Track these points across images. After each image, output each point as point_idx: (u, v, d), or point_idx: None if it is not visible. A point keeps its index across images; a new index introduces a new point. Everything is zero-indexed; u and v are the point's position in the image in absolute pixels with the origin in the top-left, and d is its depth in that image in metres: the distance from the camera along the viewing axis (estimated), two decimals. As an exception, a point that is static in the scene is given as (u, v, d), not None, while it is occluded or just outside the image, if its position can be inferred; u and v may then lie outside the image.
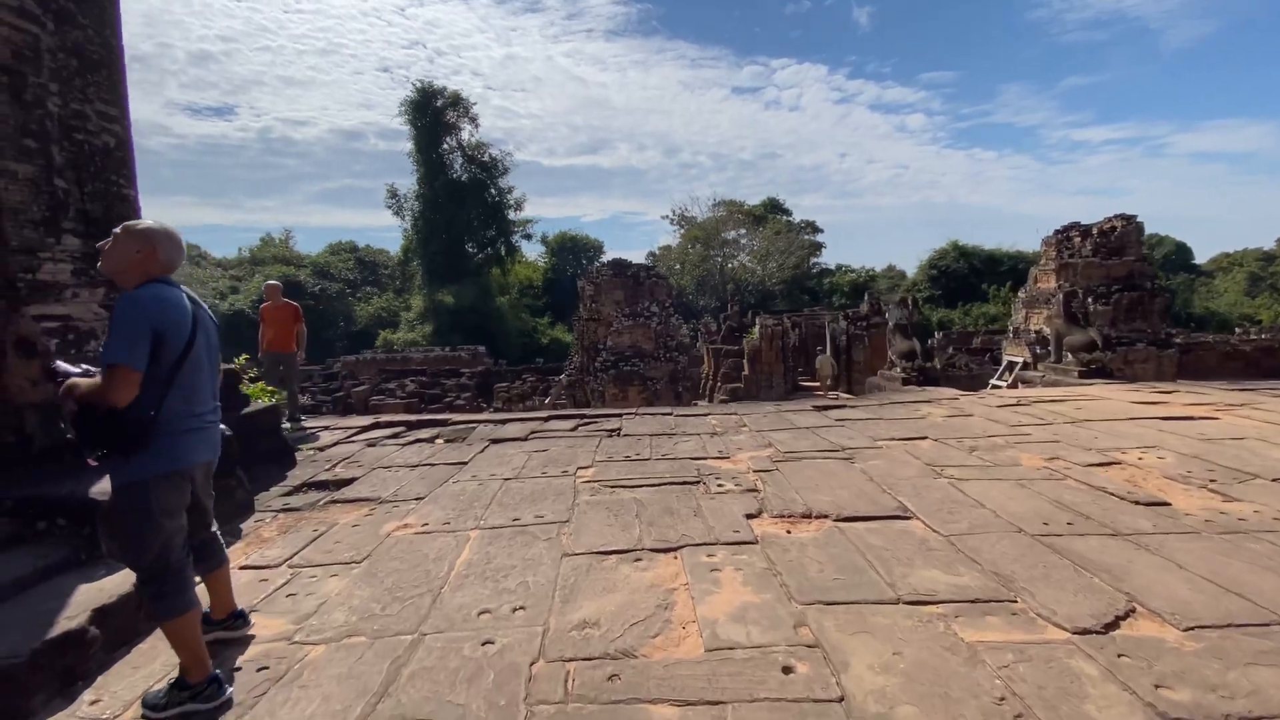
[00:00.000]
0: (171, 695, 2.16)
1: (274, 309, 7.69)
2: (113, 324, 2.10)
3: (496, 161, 45.24)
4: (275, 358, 7.66)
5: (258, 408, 5.32)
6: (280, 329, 7.65)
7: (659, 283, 14.98)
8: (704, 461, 5.07)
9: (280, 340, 7.63)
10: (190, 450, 2.31)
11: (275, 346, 7.64)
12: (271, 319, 7.67)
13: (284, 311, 7.73)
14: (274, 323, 7.66)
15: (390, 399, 20.19)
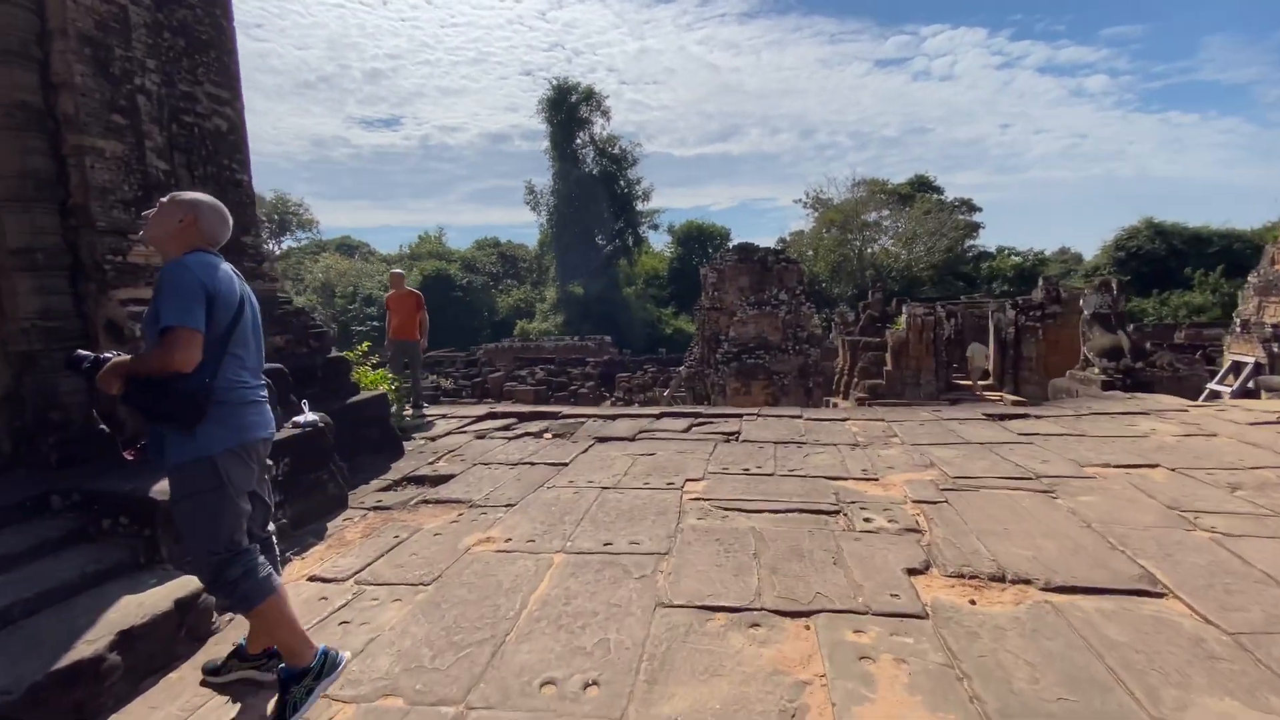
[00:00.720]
0: (295, 692, 2.04)
1: (398, 297, 7.73)
2: (162, 290, 1.97)
3: (626, 153, 45.58)
4: (400, 345, 7.70)
5: (365, 396, 5.16)
6: (405, 317, 7.67)
7: (788, 268, 13.71)
8: (844, 483, 4.08)
9: (405, 328, 7.65)
10: (253, 423, 2.18)
11: (400, 334, 7.67)
12: (396, 307, 7.71)
13: (408, 300, 7.75)
14: (398, 311, 7.70)
15: (521, 385, 20.79)
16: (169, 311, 1.92)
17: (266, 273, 4.82)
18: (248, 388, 2.19)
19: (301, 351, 4.80)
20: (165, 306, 1.93)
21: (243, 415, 2.13)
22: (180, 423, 1.96)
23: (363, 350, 6.83)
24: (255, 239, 4.78)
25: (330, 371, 4.96)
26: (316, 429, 3.97)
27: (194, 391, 1.96)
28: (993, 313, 17.25)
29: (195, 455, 2.01)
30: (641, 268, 47.18)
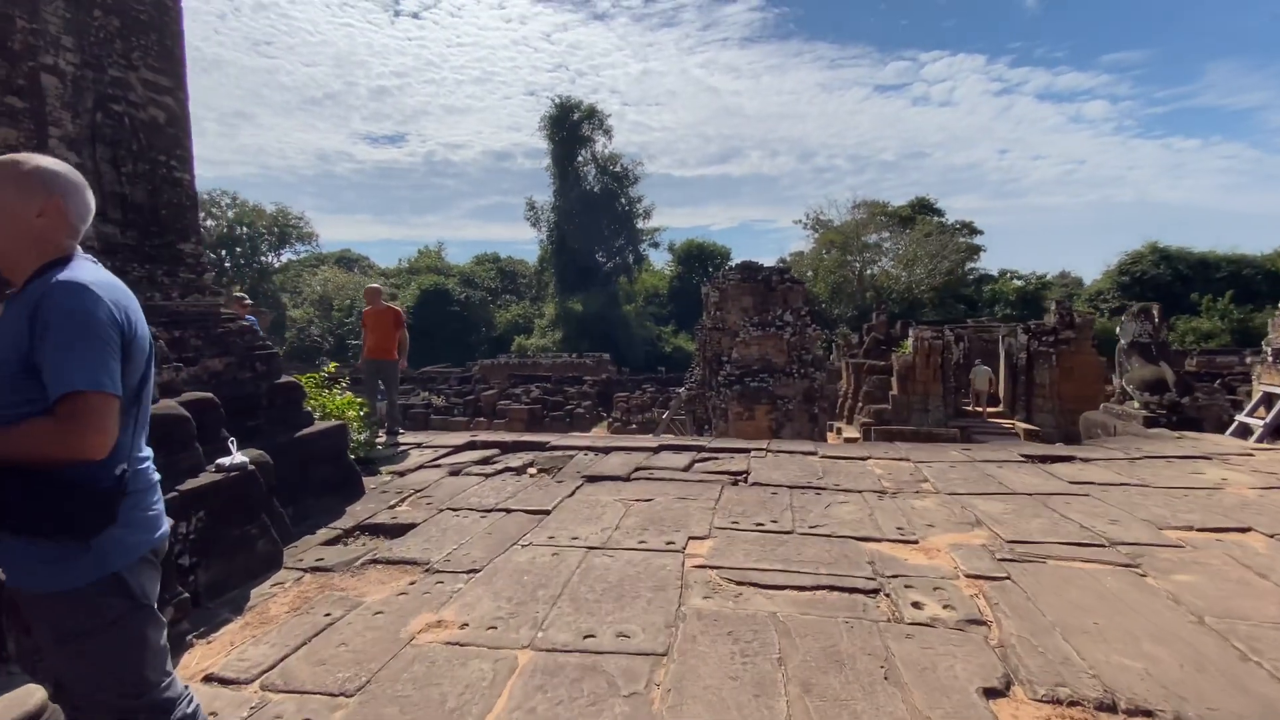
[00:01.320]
0: None
1: (375, 314, 7.08)
2: (54, 328, 1.27)
3: (628, 171, 45.39)
4: (375, 365, 7.03)
5: (319, 428, 4.47)
6: (382, 335, 7.01)
7: (793, 288, 13.09)
8: (878, 547, 3.38)
9: (381, 347, 6.99)
10: (160, 512, 1.54)
11: (376, 353, 7.00)
12: (373, 325, 7.04)
13: (386, 316, 7.09)
14: (375, 328, 7.03)
15: (515, 404, 20.07)
16: (77, 368, 1.26)
17: (208, 285, 4.17)
18: (150, 463, 1.55)
19: (244, 377, 4.13)
20: (67, 359, 1.26)
21: (150, 504, 1.51)
22: (78, 533, 1.32)
23: (329, 371, 6.16)
24: (196, 246, 4.13)
25: (279, 399, 4.28)
26: (244, 474, 3.28)
27: (109, 489, 1.34)
28: (1003, 337, 16.64)
29: (97, 575, 1.36)
30: (641, 285, 46.76)
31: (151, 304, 3.72)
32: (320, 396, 5.94)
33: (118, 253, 3.61)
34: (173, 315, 3.83)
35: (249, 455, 3.53)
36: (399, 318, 7.18)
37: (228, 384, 3.99)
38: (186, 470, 3.12)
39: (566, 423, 19.77)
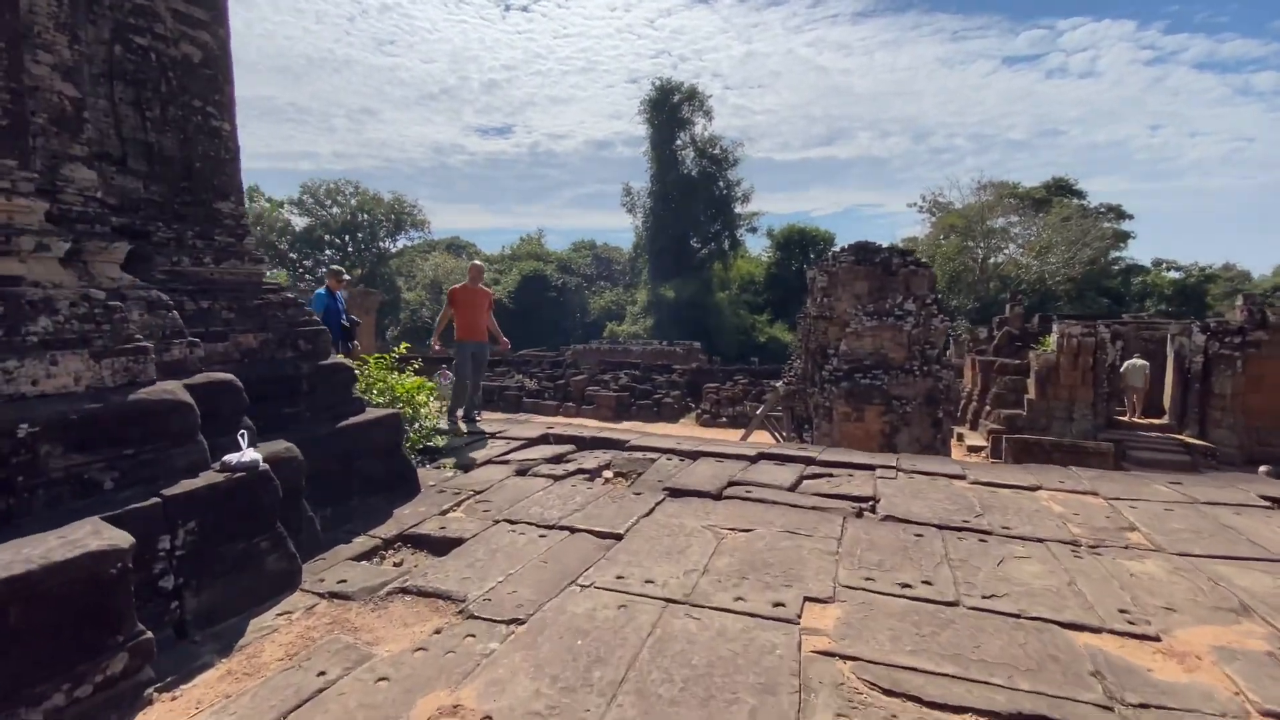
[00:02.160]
0: None
1: (470, 293, 6.47)
2: None
3: (727, 154, 43.76)
4: (471, 348, 6.41)
5: (369, 417, 3.89)
6: (475, 315, 6.45)
7: (917, 273, 11.41)
8: (1098, 643, 2.24)
9: (476, 327, 6.44)
10: None
11: (471, 334, 6.42)
12: (466, 303, 6.45)
13: (480, 297, 6.53)
14: (469, 307, 6.43)
15: (603, 390, 19.61)
16: None
17: (248, 250, 3.66)
18: None
19: (284, 356, 3.60)
20: None
21: None
22: None
23: (400, 352, 5.69)
24: (236, 206, 3.64)
25: (323, 383, 3.73)
26: (254, 476, 2.68)
27: None
28: (1173, 336, 13.90)
29: None
30: (737, 272, 45.14)
31: (176, 269, 3.24)
32: (388, 379, 5.48)
33: (139, 209, 3.13)
34: (203, 283, 3.33)
35: (273, 449, 2.96)
36: (491, 300, 6.59)
37: (263, 364, 3.46)
38: (183, 469, 2.56)
39: (654, 411, 19.05)
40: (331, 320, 6.62)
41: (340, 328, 6.88)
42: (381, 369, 5.48)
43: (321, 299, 6.90)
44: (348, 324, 7.11)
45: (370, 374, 5.28)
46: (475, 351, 6.47)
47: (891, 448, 11.35)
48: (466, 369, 6.43)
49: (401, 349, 5.76)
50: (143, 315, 2.73)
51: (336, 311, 6.97)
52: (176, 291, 3.15)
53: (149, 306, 2.77)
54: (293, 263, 47.15)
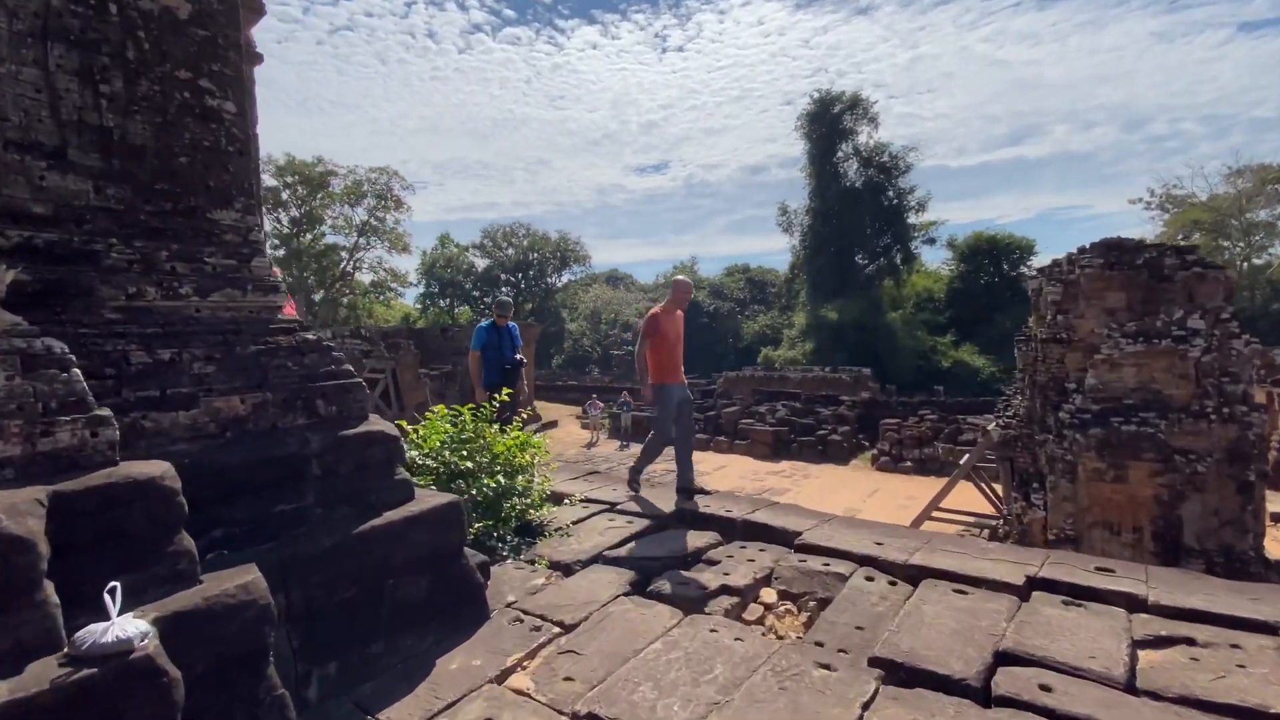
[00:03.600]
0: None
1: (674, 320, 4.72)
2: None
3: (896, 161, 39.65)
4: (674, 393, 4.67)
5: (410, 512, 2.62)
6: (679, 348, 4.76)
7: (1205, 278, 8.05)
8: None
9: (674, 366, 4.72)
10: None
11: (674, 374, 4.69)
12: (671, 333, 4.67)
13: (681, 325, 4.82)
14: (669, 340, 4.65)
15: (758, 424, 17.62)
16: None
17: (257, 276, 2.62)
18: None
19: (290, 424, 2.47)
20: None
21: None
22: None
23: (500, 399, 4.52)
24: (243, 217, 2.62)
25: (346, 461, 2.54)
26: (117, 672, 1.46)
27: None
28: None
29: None
30: (911, 289, 40.32)
31: (137, 304, 2.24)
32: (487, 433, 4.33)
33: (83, 220, 2.16)
34: (175, 323, 2.30)
35: (210, 594, 1.77)
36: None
37: (253, 438, 2.35)
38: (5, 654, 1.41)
39: (818, 450, 16.58)
40: (490, 358, 5.85)
41: (501, 370, 5.84)
42: (483, 420, 4.36)
43: (482, 334, 5.93)
44: (510, 365, 5.88)
45: (461, 428, 4.16)
46: (683, 399, 4.74)
47: (1173, 524, 8.01)
48: (669, 421, 4.66)
49: (503, 395, 4.57)
50: (10, 379, 1.66)
51: (498, 348, 5.90)
52: (126, 337, 2.13)
53: (25, 364, 1.71)
54: (475, 300, 51.73)
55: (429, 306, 49.85)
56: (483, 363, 5.81)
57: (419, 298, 50.25)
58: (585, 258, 57.42)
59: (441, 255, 51.73)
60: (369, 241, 40.55)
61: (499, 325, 5.97)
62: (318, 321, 32.78)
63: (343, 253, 40.14)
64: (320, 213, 38.63)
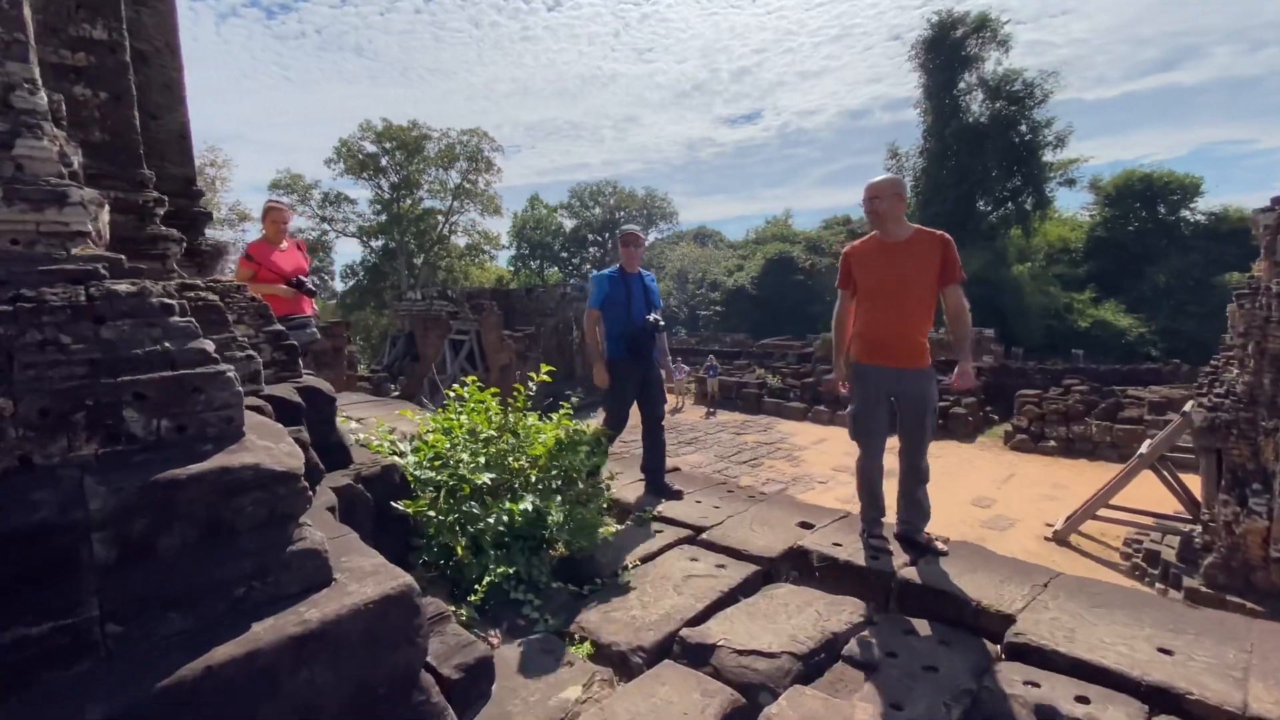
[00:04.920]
0: None
1: (891, 255, 2.83)
2: None
3: (1032, 88, 34.04)
4: (886, 379, 2.88)
5: (308, 624, 1.38)
6: (904, 302, 2.84)
7: None
8: None
9: (904, 334, 2.87)
10: None
11: (885, 352, 2.88)
12: (885, 283, 2.84)
13: (925, 260, 2.87)
14: (891, 289, 2.82)
15: (866, 394, 15.52)
16: None
17: (30, 177, 1.40)
18: None
19: (64, 459, 1.26)
20: None
21: None
22: None
23: (539, 379, 3.22)
24: None
25: (177, 527, 1.32)
26: None
27: None
28: None
29: None
30: (1043, 238, 35.21)
31: None
32: (522, 424, 3.08)
33: None
34: None
35: None
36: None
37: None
38: None
39: (940, 426, 14.31)
40: (615, 318, 3.65)
41: (630, 336, 3.63)
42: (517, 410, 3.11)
43: (603, 285, 3.71)
44: (643, 329, 3.64)
45: (488, 418, 2.92)
46: (905, 391, 2.85)
47: None
48: (878, 428, 2.91)
49: (543, 372, 3.26)
50: None
51: (625, 305, 3.65)
52: None
53: None
54: (563, 261, 51.50)
55: (520, 269, 50.20)
56: (605, 325, 3.72)
57: (510, 260, 50.70)
58: (672, 214, 55.35)
59: (531, 217, 51.70)
60: (462, 205, 40.92)
61: (627, 272, 3.75)
62: (418, 284, 33.52)
63: (438, 216, 40.80)
64: (417, 177, 39.25)
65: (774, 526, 3.10)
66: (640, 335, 3.64)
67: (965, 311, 2.80)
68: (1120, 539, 9.71)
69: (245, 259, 3.96)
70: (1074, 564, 8.84)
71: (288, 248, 4.15)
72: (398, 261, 39.32)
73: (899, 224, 2.82)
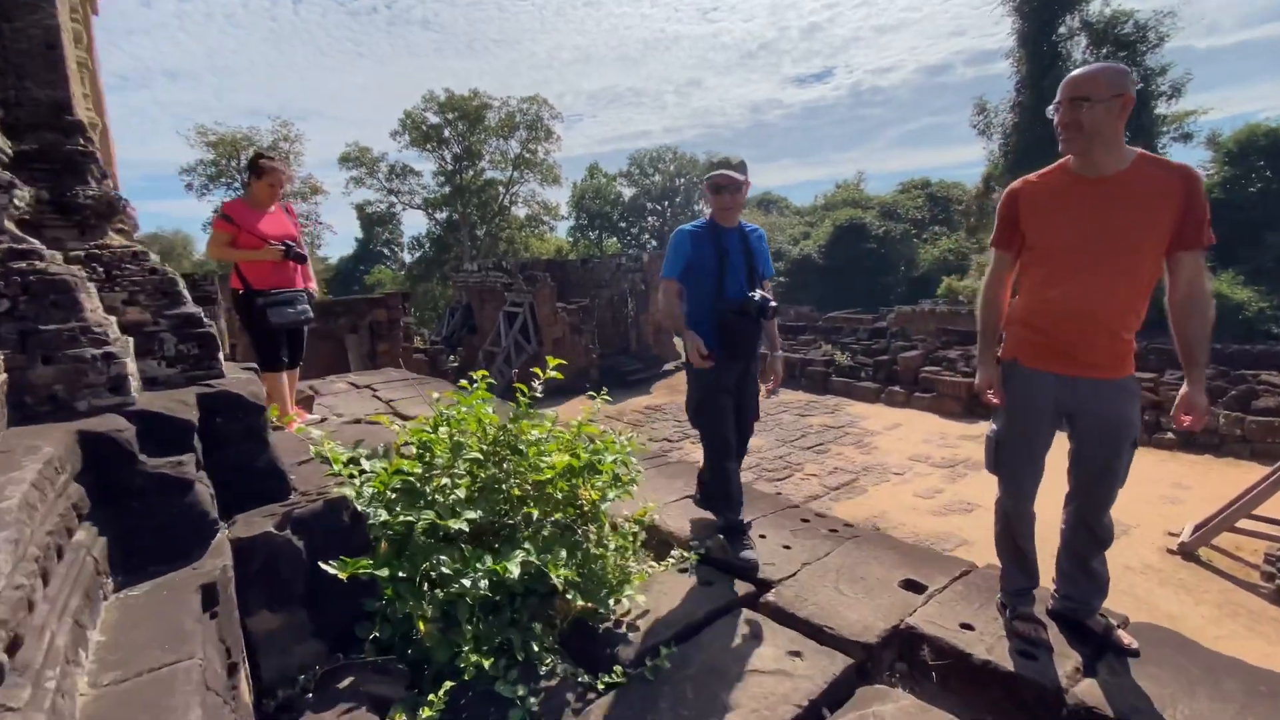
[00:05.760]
0: None
1: (1104, 204, 1.81)
2: None
3: (1144, 31, 29.85)
4: (1103, 395, 1.88)
5: None
6: (1114, 274, 1.82)
7: None
8: None
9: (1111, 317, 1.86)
10: None
11: (1086, 362, 1.87)
12: (1082, 246, 1.82)
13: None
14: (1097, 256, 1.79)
15: (946, 374, 14.01)
16: None
17: None
18: None
19: None
20: None
21: None
22: None
23: (550, 372, 2.42)
24: None
25: None
26: None
27: None
28: None
29: None
30: (1153, 201, 31.08)
31: None
32: (521, 434, 2.32)
33: None
34: None
35: None
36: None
37: None
38: None
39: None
40: (704, 292, 2.56)
41: (736, 313, 2.51)
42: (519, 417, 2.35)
43: (683, 244, 2.62)
44: (747, 307, 2.49)
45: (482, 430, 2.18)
46: (1089, 412, 1.89)
47: None
48: (1034, 460, 2.01)
49: (549, 369, 2.44)
50: None
51: (716, 273, 2.55)
52: None
53: None
54: (622, 231, 50.51)
55: (579, 239, 49.72)
56: (689, 304, 2.59)
57: (569, 230, 50.28)
58: (735, 180, 53.15)
59: (590, 186, 50.87)
60: (522, 175, 40.53)
61: (719, 224, 2.63)
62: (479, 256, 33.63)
63: (499, 187, 40.63)
64: (479, 148, 39.07)
65: (869, 585, 2.22)
66: (739, 322, 2.46)
67: (1207, 297, 1.78)
68: (1259, 553, 8.14)
69: (221, 219, 3.34)
70: (1207, 584, 7.42)
71: (275, 211, 3.52)
72: (461, 233, 39.58)
73: (1114, 147, 1.79)
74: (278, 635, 1.66)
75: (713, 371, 2.46)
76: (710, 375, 2.48)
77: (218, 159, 30.24)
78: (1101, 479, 1.90)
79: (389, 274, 42.65)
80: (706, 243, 2.58)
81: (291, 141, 31.08)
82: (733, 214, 2.62)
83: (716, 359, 2.44)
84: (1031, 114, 31.11)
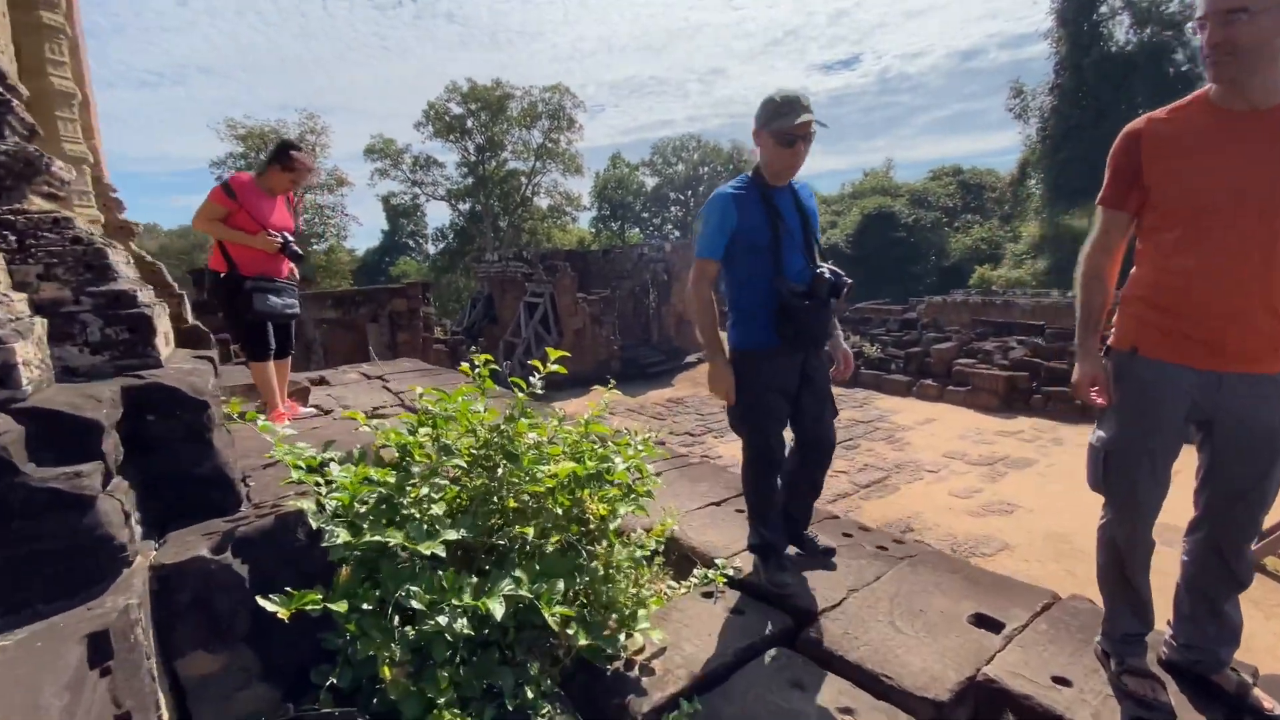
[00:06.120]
0: None
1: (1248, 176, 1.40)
2: None
3: (1191, 10, 27.99)
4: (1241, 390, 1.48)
5: None
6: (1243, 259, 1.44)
7: None
8: None
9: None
10: None
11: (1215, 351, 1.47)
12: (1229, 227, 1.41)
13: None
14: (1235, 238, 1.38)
15: (982, 367, 13.33)
16: None
17: None
18: None
19: None
20: None
21: None
22: None
23: (551, 365, 2.08)
24: None
25: None
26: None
27: None
28: None
29: None
30: (1202, 187, 29.51)
31: None
32: (517, 438, 1.98)
33: None
34: None
35: None
36: None
37: None
38: None
39: (1074, 404, 11.99)
40: (753, 272, 2.05)
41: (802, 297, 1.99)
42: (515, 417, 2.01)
43: (727, 208, 2.04)
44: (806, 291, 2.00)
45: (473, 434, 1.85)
46: (1235, 413, 1.48)
47: None
48: (1158, 474, 1.60)
49: (549, 362, 2.09)
50: None
51: (767, 249, 2.02)
52: None
53: None
54: (644, 221, 49.98)
55: (601, 230, 49.34)
56: (734, 288, 2.15)
57: (592, 221, 49.92)
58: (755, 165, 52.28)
59: (612, 176, 50.39)
60: (544, 165, 40.27)
61: (766, 183, 2.09)
62: (502, 247, 33.47)
63: (522, 178, 40.45)
64: (501, 138, 38.88)
65: (930, 620, 1.83)
66: (807, 306, 1.96)
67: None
68: (1332, 562, 7.45)
69: (222, 191, 3.04)
70: (1274, 597, 6.80)
71: (279, 200, 3.24)
72: (483, 224, 39.55)
73: (1272, 71, 1.37)
74: (215, 681, 1.35)
75: (770, 365, 2.04)
76: (767, 369, 2.05)
77: (246, 151, 30.57)
78: (1246, 501, 1.49)
79: (414, 265, 42.89)
80: (756, 208, 2.02)
81: (318, 134, 31.29)
82: (792, 170, 2.07)
83: (776, 353, 2.04)
84: (1072, 97, 29.71)
